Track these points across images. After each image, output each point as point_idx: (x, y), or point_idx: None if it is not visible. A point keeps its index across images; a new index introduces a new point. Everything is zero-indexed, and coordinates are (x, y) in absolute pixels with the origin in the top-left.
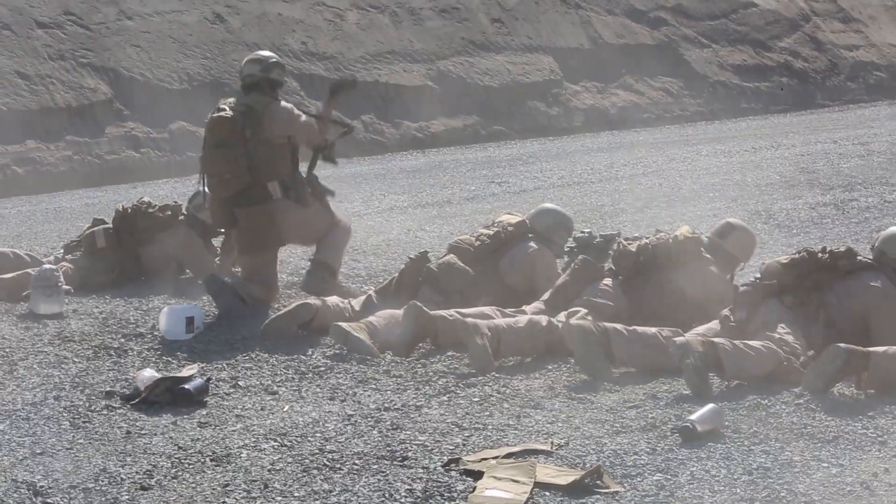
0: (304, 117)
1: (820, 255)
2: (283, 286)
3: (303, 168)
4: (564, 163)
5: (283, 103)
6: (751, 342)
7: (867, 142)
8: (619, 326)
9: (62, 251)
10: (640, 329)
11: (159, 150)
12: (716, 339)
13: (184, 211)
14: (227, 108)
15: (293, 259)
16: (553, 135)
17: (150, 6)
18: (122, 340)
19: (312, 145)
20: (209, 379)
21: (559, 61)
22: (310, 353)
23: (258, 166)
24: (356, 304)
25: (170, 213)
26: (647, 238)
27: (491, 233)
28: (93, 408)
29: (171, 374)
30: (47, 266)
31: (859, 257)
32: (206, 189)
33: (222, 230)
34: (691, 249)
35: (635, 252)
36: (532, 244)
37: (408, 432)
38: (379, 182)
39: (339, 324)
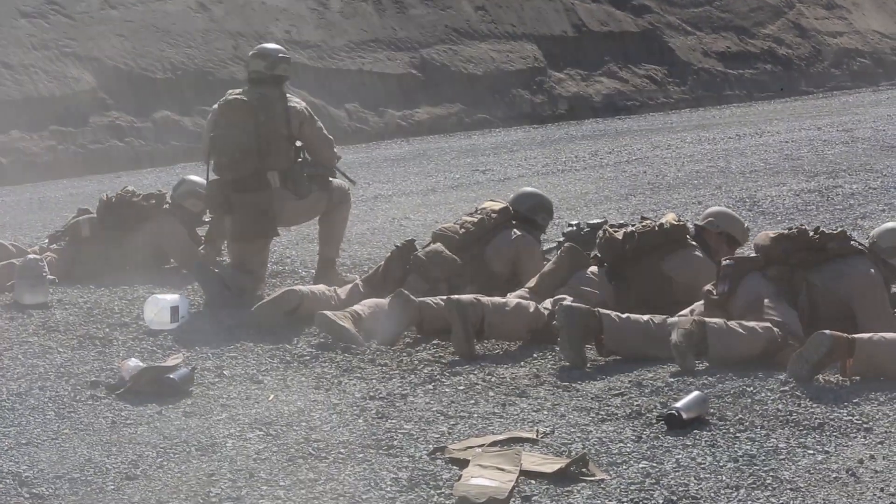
0: (324, 129)
1: (812, 234)
2: (268, 275)
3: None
4: (549, 150)
5: (297, 102)
6: (746, 322)
7: (851, 128)
8: (612, 313)
9: (47, 241)
10: (633, 316)
11: (143, 140)
12: (707, 319)
13: (168, 200)
14: (242, 95)
15: (278, 248)
16: (537, 122)
17: None
18: (107, 330)
19: (320, 157)
20: (194, 368)
21: (543, 49)
22: (295, 342)
23: (263, 154)
24: (342, 292)
25: (154, 202)
26: (632, 226)
27: (475, 220)
28: (78, 398)
29: (156, 364)
30: (32, 256)
31: (852, 242)
32: (211, 170)
33: (215, 215)
34: (677, 237)
35: (621, 240)
36: (516, 231)
37: (393, 421)
38: (363, 170)
39: (324, 312)
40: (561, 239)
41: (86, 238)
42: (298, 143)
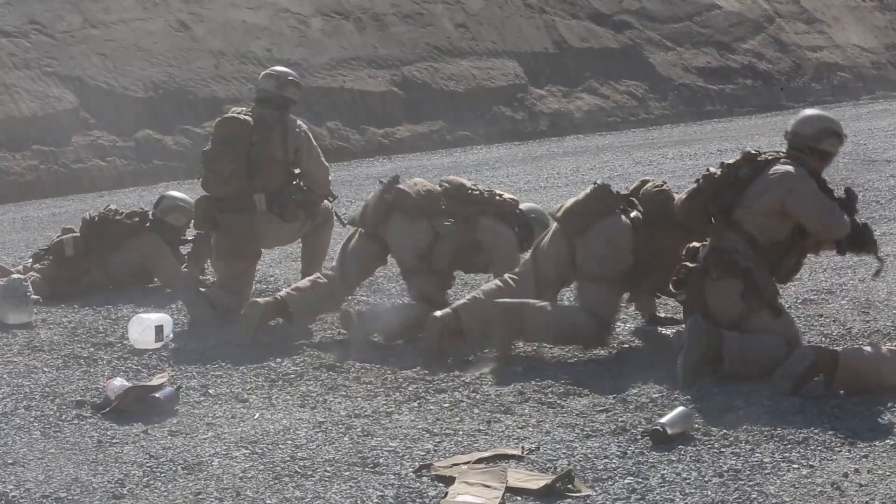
0: (321, 157)
1: (716, 172)
2: (251, 294)
3: None
4: (530, 167)
5: (298, 127)
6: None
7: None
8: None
9: (30, 260)
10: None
11: (125, 159)
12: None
13: (150, 217)
14: (241, 114)
15: (262, 266)
16: (519, 139)
17: (115, 14)
18: (92, 350)
19: (314, 186)
20: (179, 387)
21: (524, 66)
22: (279, 360)
23: (251, 175)
24: (333, 269)
25: (137, 219)
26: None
27: (486, 191)
28: (63, 417)
29: (142, 383)
30: (15, 276)
31: (760, 157)
32: (201, 185)
33: (200, 231)
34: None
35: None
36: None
37: (379, 439)
38: (345, 189)
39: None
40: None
41: (69, 257)
42: (297, 170)
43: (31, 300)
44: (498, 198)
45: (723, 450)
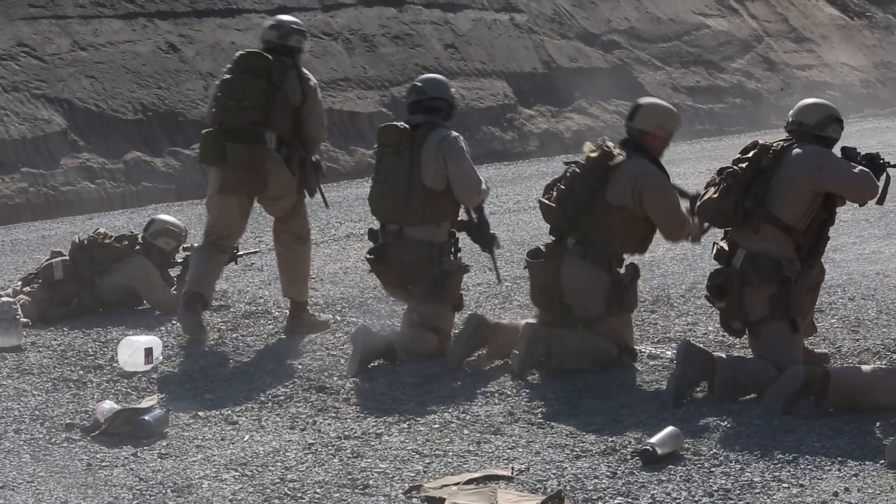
0: (323, 111)
1: (739, 167)
2: (240, 315)
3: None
4: (520, 188)
5: (310, 76)
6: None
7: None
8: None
9: (20, 283)
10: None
11: (114, 181)
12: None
13: (140, 240)
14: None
15: (251, 288)
16: (508, 160)
17: (104, 37)
18: (81, 372)
19: (309, 137)
20: (169, 410)
21: (513, 86)
22: (269, 382)
23: (267, 111)
24: None
25: (126, 243)
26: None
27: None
28: (53, 440)
29: (131, 406)
30: (5, 299)
31: (773, 146)
32: (213, 118)
33: (206, 165)
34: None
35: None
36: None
37: (368, 460)
38: (335, 210)
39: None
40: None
41: (59, 280)
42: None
43: (21, 323)
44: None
45: (713, 469)
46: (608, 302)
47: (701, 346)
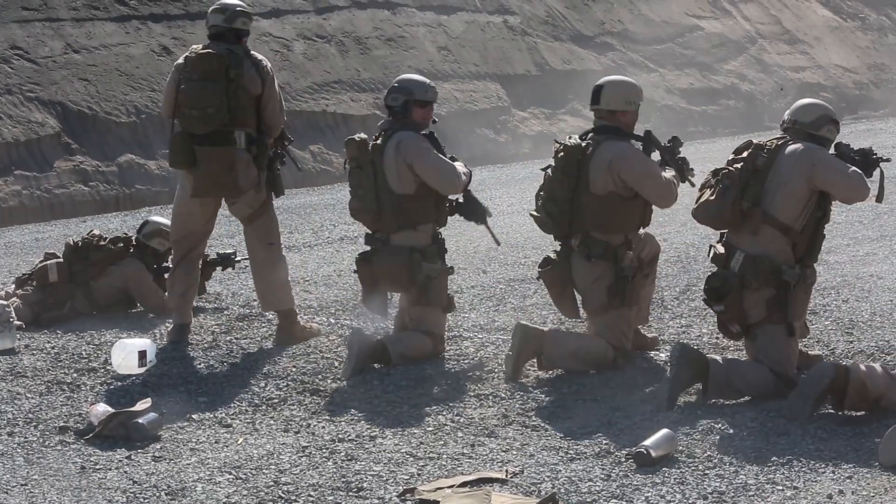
0: (279, 93)
1: (733, 167)
2: (234, 318)
3: None
4: (514, 190)
5: (262, 58)
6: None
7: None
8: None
9: (13, 286)
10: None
11: (108, 184)
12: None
13: (134, 242)
14: (211, 49)
15: (244, 292)
16: (502, 162)
17: (97, 39)
18: (75, 375)
19: (271, 118)
20: (163, 412)
21: (506, 88)
22: (263, 385)
23: (232, 111)
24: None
25: (121, 245)
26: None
27: None
28: (47, 443)
29: (125, 409)
30: None
31: (767, 145)
32: (178, 125)
33: (176, 168)
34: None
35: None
36: None
37: (362, 463)
38: (328, 212)
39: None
40: None
41: (53, 283)
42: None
43: (14, 326)
44: None
45: (707, 472)
46: (609, 294)
47: (694, 348)
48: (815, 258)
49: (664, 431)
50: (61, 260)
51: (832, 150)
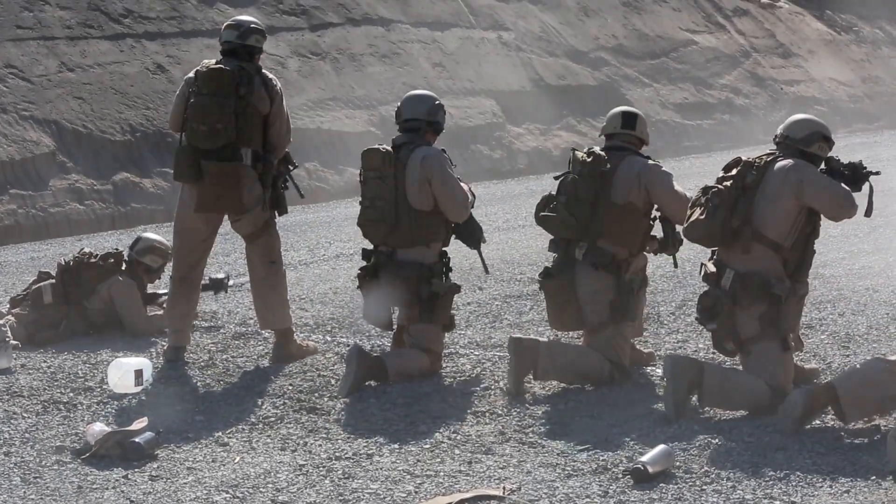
0: (288, 115)
1: (724, 184)
2: (231, 336)
3: None
4: (509, 206)
5: (273, 78)
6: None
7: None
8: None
9: (8, 305)
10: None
11: (104, 202)
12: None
13: (126, 258)
14: (222, 65)
15: (240, 310)
16: (497, 178)
17: (91, 58)
18: (72, 395)
19: (277, 138)
20: (159, 431)
21: (501, 104)
22: (260, 403)
23: (240, 128)
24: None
25: (112, 261)
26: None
27: None
28: (43, 463)
29: (122, 428)
30: None
31: (756, 163)
32: (185, 139)
33: (180, 182)
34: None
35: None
36: None
37: (360, 481)
38: (324, 230)
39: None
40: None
41: (48, 304)
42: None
43: (10, 346)
44: None
45: (704, 487)
46: (612, 308)
47: (686, 355)
48: (805, 274)
49: (661, 447)
50: (55, 281)
51: (822, 166)
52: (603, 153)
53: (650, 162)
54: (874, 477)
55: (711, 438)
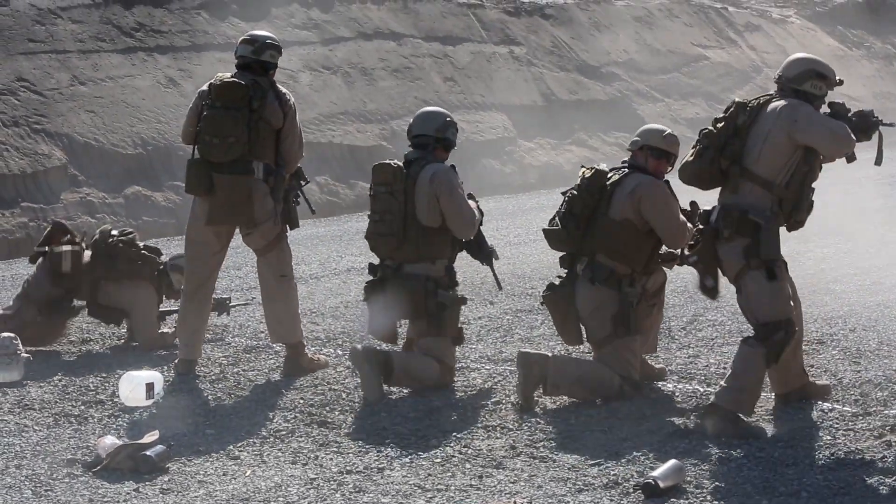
0: (301, 130)
1: (714, 127)
2: (242, 350)
3: None
4: (520, 220)
5: (286, 93)
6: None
7: (821, 192)
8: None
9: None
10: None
11: (115, 216)
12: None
13: (160, 265)
14: (236, 79)
15: (251, 323)
16: (508, 193)
17: (103, 71)
18: (83, 408)
19: (290, 154)
20: (170, 445)
21: (512, 118)
22: (271, 416)
23: (252, 142)
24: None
25: (148, 265)
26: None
27: None
28: (54, 476)
29: (133, 441)
30: (5, 334)
31: (750, 104)
32: (197, 152)
33: (192, 194)
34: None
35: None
36: None
37: (371, 495)
38: (335, 244)
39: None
40: None
41: (64, 274)
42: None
43: (22, 358)
44: None
45: (715, 502)
46: (615, 323)
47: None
48: (802, 214)
49: (672, 462)
50: (77, 248)
51: (826, 109)
52: (604, 168)
53: (651, 179)
54: (885, 492)
55: (722, 453)
